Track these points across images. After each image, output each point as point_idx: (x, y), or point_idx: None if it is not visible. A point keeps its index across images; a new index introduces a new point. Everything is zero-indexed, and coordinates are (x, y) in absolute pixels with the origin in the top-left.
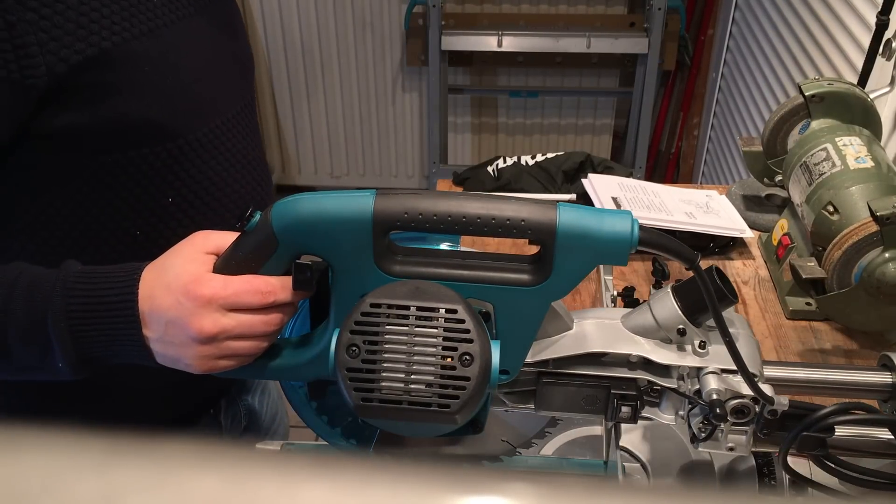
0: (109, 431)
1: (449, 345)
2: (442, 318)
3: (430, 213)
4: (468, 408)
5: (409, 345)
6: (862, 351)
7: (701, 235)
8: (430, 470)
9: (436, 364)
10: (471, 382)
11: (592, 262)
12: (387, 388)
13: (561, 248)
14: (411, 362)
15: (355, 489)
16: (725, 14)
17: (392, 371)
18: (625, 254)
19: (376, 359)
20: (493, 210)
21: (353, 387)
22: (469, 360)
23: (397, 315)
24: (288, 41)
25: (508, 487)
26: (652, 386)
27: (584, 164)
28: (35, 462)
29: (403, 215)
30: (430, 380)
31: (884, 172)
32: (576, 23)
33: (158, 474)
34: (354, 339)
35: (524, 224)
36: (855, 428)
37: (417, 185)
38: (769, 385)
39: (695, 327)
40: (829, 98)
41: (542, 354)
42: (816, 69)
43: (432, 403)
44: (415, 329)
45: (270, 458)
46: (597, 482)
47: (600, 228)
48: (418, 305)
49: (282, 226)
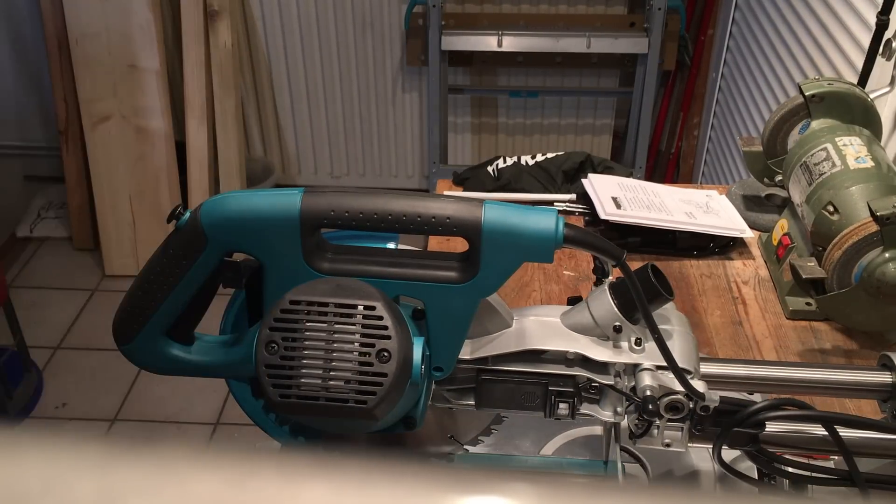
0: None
1: (367, 341)
2: (360, 315)
3: (356, 210)
4: (385, 404)
5: (327, 341)
6: (862, 351)
7: (701, 235)
8: (430, 470)
9: (353, 361)
10: (388, 379)
11: (519, 259)
12: (305, 385)
13: (487, 246)
14: (330, 359)
15: (355, 489)
16: (725, 14)
17: (310, 368)
18: (550, 251)
19: (295, 355)
20: (419, 208)
21: (272, 383)
22: (387, 357)
23: (317, 312)
24: (288, 41)
25: (508, 487)
26: (590, 383)
27: (584, 164)
28: (35, 462)
29: (330, 213)
30: (347, 376)
31: (884, 172)
32: (576, 23)
33: (158, 474)
34: (273, 336)
35: (449, 222)
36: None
37: (418, 185)
38: (702, 381)
39: (631, 325)
40: (829, 98)
41: (481, 351)
42: (816, 69)
43: (349, 400)
44: (334, 326)
45: (271, 458)
46: (597, 482)
47: (525, 226)
48: (337, 302)
49: (210, 224)
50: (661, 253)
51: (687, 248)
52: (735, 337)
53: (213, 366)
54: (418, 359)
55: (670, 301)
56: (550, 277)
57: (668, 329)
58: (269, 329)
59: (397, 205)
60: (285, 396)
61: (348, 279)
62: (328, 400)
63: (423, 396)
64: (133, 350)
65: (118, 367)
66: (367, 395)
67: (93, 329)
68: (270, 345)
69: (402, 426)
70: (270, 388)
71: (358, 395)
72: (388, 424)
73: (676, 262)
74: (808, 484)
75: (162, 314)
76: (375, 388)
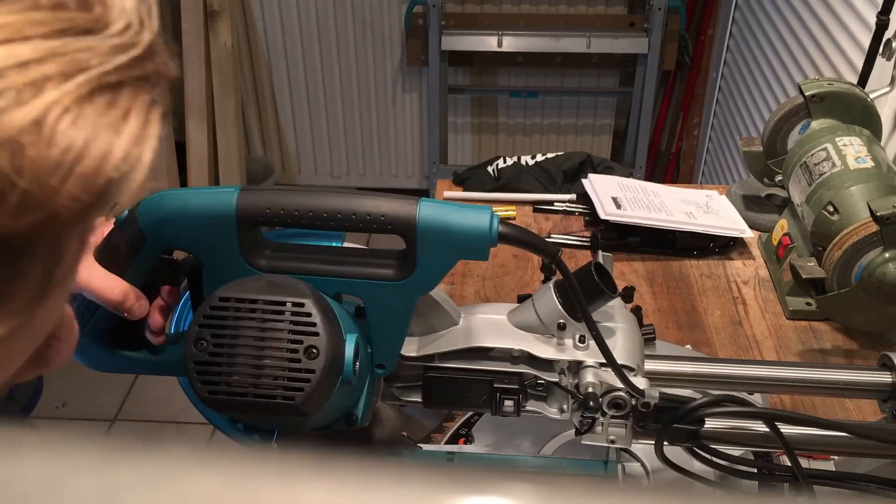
0: (109, 432)
1: (295, 338)
2: (289, 312)
3: (292, 208)
4: (314, 400)
5: (256, 338)
6: (862, 351)
7: (701, 235)
8: (430, 470)
9: (281, 357)
10: (315, 375)
11: (454, 257)
12: (233, 381)
13: (422, 243)
14: (259, 356)
15: (355, 489)
16: (725, 14)
17: (239, 364)
18: (485, 248)
19: (223, 352)
20: (354, 205)
21: (200, 379)
22: (315, 353)
23: (246, 309)
24: (288, 41)
25: (508, 487)
26: (536, 380)
27: (584, 164)
28: (35, 462)
29: (266, 211)
30: (276, 373)
31: (884, 172)
32: (576, 23)
33: (158, 474)
34: (202, 333)
35: (384, 219)
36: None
37: (418, 185)
38: (644, 378)
39: (575, 322)
40: (829, 98)
41: (427, 349)
42: (816, 69)
43: (277, 396)
44: (263, 323)
45: (271, 458)
46: (597, 482)
47: (459, 223)
48: (266, 299)
49: (147, 222)
50: (661, 253)
51: (687, 248)
52: (735, 337)
53: (159, 364)
54: (350, 355)
55: (614, 298)
56: None
57: (611, 326)
58: (199, 326)
59: (333, 202)
60: (214, 393)
61: (280, 276)
62: (256, 396)
63: (366, 394)
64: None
65: None
66: (295, 391)
67: None
68: (199, 342)
69: (344, 423)
70: (199, 385)
71: (286, 391)
72: (328, 421)
73: (676, 262)
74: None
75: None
76: (303, 384)
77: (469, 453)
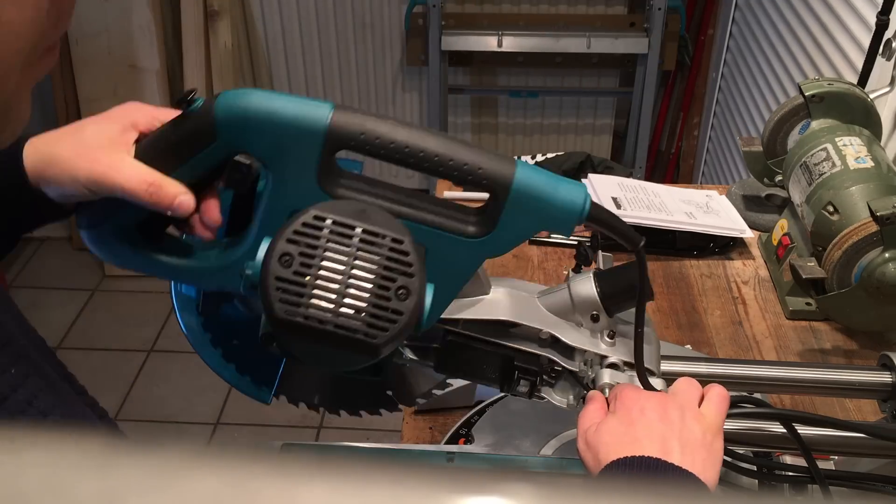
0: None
1: (388, 275)
2: (386, 247)
3: (388, 139)
4: (393, 343)
5: (347, 266)
6: (862, 351)
7: (701, 235)
8: (430, 470)
9: (371, 292)
10: (403, 318)
11: (538, 226)
12: (314, 306)
13: (511, 205)
14: (346, 285)
15: (355, 489)
16: (725, 14)
17: (324, 289)
18: (572, 224)
19: (310, 273)
20: (453, 151)
21: (280, 297)
22: (405, 295)
23: (341, 233)
24: (288, 41)
25: (508, 487)
26: (553, 366)
27: (584, 164)
28: (35, 462)
29: (360, 136)
30: (361, 306)
31: (884, 172)
32: (576, 23)
33: (158, 474)
34: (290, 249)
35: (480, 172)
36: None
37: (418, 185)
38: (660, 380)
39: (608, 316)
40: (829, 98)
41: (454, 313)
42: (816, 69)
43: (359, 332)
44: (356, 252)
45: (271, 459)
46: (597, 482)
47: (554, 194)
48: (366, 228)
49: (226, 117)
50: (661, 253)
51: (687, 248)
52: (735, 337)
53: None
54: (429, 305)
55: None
56: (550, 277)
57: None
58: (287, 241)
59: (433, 143)
60: (291, 314)
61: (374, 208)
62: (337, 327)
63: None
64: (97, 235)
65: (118, 367)
66: (378, 330)
67: (93, 329)
68: (285, 257)
69: (370, 372)
70: (277, 303)
71: (369, 328)
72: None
73: (676, 262)
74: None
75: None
76: (388, 324)
77: (469, 453)
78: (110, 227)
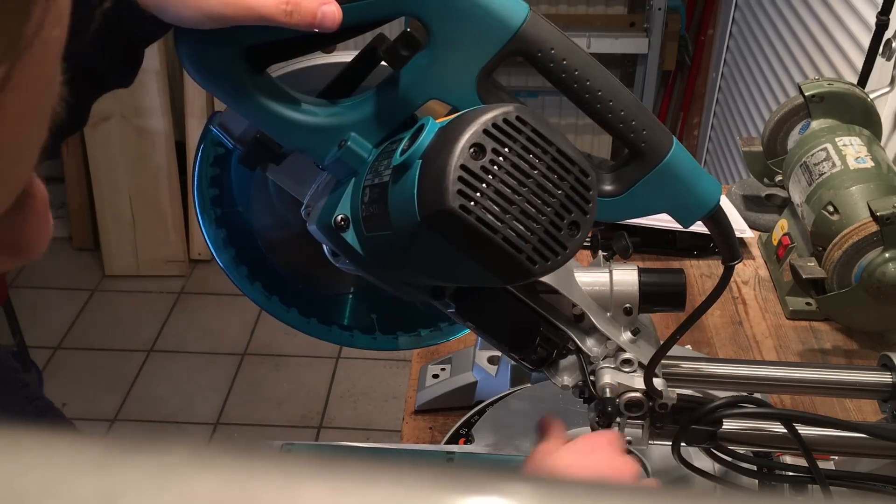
0: (109, 432)
1: (568, 205)
2: (574, 176)
3: (573, 66)
4: (545, 273)
5: (533, 181)
6: (862, 351)
7: (701, 235)
8: (430, 470)
9: (549, 216)
10: (566, 252)
11: (664, 206)
12: (491, 210)
13: (655, 176)
14: (528, 200)
15: (355, 489)
16: (725, 14)
17: (504, 198)
18: (698, 217)
19: (496, 174)
20: (625, 100)
21: (458, 188)
22: (575, 231)
23: (537, 144)
24: None
25: (508, 487)
26: (566, 343)
27: None
28: (35, 462)
29: (550, 50)
30: (534, 227)
31: (884, 172)
32: (576, 23)
33: (159, 474)
34: (486, 141)
35: (645, 134)
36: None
37: None
38: (661, 379)
39: (640, 314)
40: (829, 98)
41: None
42: (816, 69)
43: (524, 252)
44: (546, 171)
45: (272, 458)
46: (597, 482)
47: (696, 182)
48: (561, 150)
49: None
50: (661, 253)
51: (687, 248)
52: (735, 337)
53: (279, 116)
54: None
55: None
56: None
57: (647, 326)
58: (484, 132)
59: (610, 85)
60: (466, 210)
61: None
62: (504, 240)
63: None
64: (202, 60)
65: (118, 367)
66: (542, 258)
67: (93, 329)
68: (476, 147)
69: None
70: (453, 193)
71: (534, 252)
72: (483, 286)
73: (676, 262)
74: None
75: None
76: (552, 255)
77: (469, 453)
78: (222, 52)
